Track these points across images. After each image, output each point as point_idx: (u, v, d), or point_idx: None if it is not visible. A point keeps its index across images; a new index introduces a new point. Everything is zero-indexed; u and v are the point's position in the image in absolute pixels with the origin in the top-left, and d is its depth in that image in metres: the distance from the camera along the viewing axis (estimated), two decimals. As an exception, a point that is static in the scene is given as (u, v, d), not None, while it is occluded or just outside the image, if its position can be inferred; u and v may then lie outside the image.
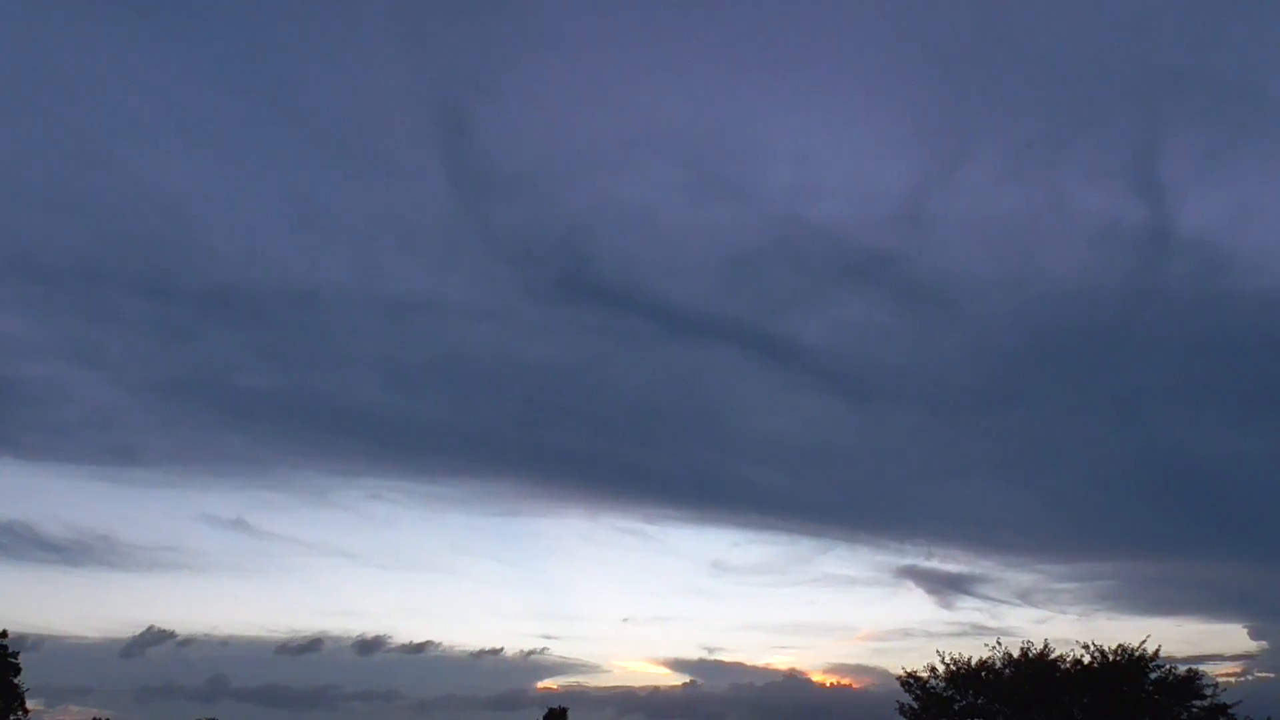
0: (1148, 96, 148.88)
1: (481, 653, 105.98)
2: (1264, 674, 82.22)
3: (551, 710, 66.25)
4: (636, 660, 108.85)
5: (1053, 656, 49.55)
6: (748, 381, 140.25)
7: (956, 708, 50.12)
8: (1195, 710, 47.41)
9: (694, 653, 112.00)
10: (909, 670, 51.93)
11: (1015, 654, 49.95)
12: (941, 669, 50.99)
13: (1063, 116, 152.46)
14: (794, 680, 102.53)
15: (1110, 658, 48.34)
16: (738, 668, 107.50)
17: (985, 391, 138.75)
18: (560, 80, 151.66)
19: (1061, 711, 47.97)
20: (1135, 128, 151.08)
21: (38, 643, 56.67)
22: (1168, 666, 48.15)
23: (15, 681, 53.55)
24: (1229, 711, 47.15)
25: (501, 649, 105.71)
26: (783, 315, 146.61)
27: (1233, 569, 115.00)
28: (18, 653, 54.00)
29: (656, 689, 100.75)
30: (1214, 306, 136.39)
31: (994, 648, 50.48)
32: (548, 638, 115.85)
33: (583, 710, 79.91)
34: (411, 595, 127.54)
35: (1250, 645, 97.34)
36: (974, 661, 50.47)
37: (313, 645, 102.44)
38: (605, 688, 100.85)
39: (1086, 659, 49.04)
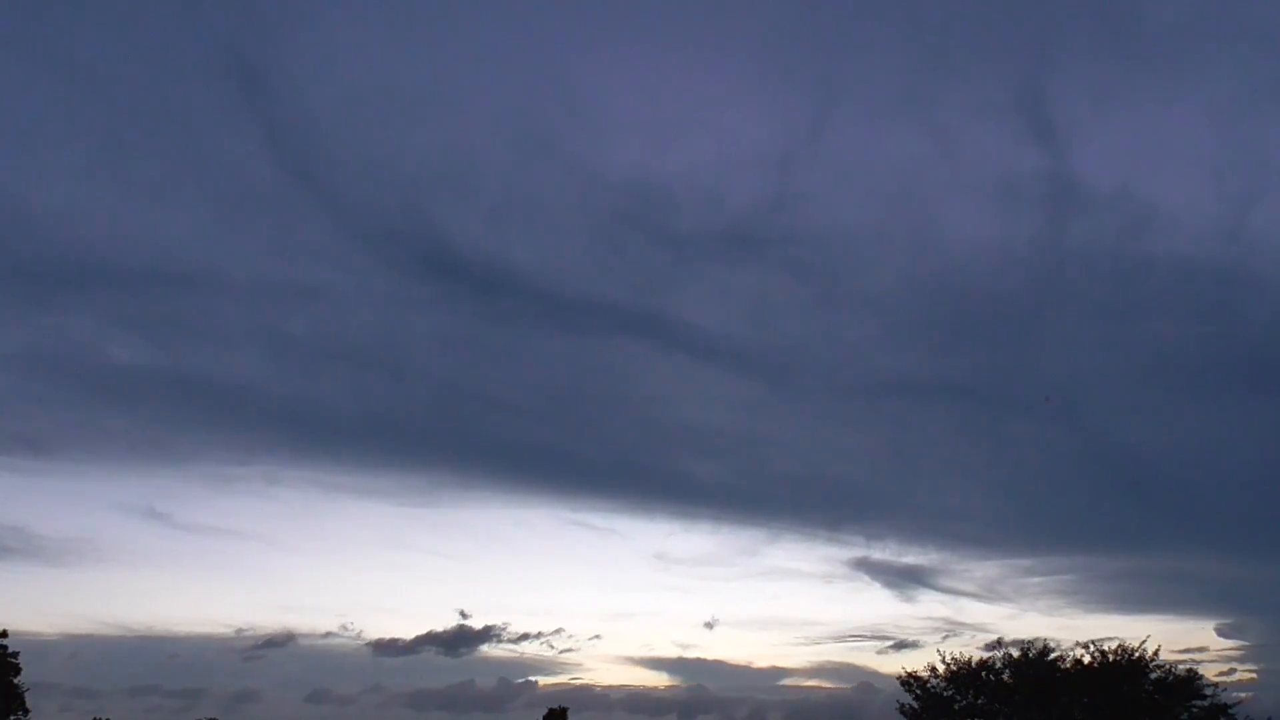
0: (1025, 25, 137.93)
1: (450, 647, 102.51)
2: (1248, 673, 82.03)
3: (551, 710, 66.15)
4: (614, 658, 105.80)
5: (1052, 657, 49.74)
6: (650, 367, 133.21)
7: (957, 708, 50.17)
8: (1195, 710, 47.51)
9: (666, 650, 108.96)
10: (909, 670, 52.16)
11: (1015, 654, 50.18)
12: (942, 669, 51.13)
13: (940, 51, 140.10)
14: (784, 680, 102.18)
15: (1110, 658, 48.46)
16: (720, 666, 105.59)
17: (906, 378, 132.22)
18: (364, 24, 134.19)
19: (1062, 711, 48.04)
20: (1019, 62, 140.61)
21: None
22: (1167, 666, 48.37)
23: (15, 682, 53.48)
24: (1229, 711, 47.25)
25: (463, 645, 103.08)
26: (659, 292, 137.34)
27: (1195, 564, 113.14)
28: (18, 653, 53.98)
29: (647, 689, 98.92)
30: (1134, 274, 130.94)
31: (994, 648, 50.81)
32: (511, 633, 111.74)
33: (579, 712, 79.42)
34: (356, 588, 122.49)
35: (1220, 643, 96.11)
36: (974, 662, 50.64)
37: (276, 641, 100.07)
38: (596, 687, 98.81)
39: (1086, 659, 49.23)
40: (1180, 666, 48.57)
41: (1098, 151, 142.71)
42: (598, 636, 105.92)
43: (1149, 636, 48.71)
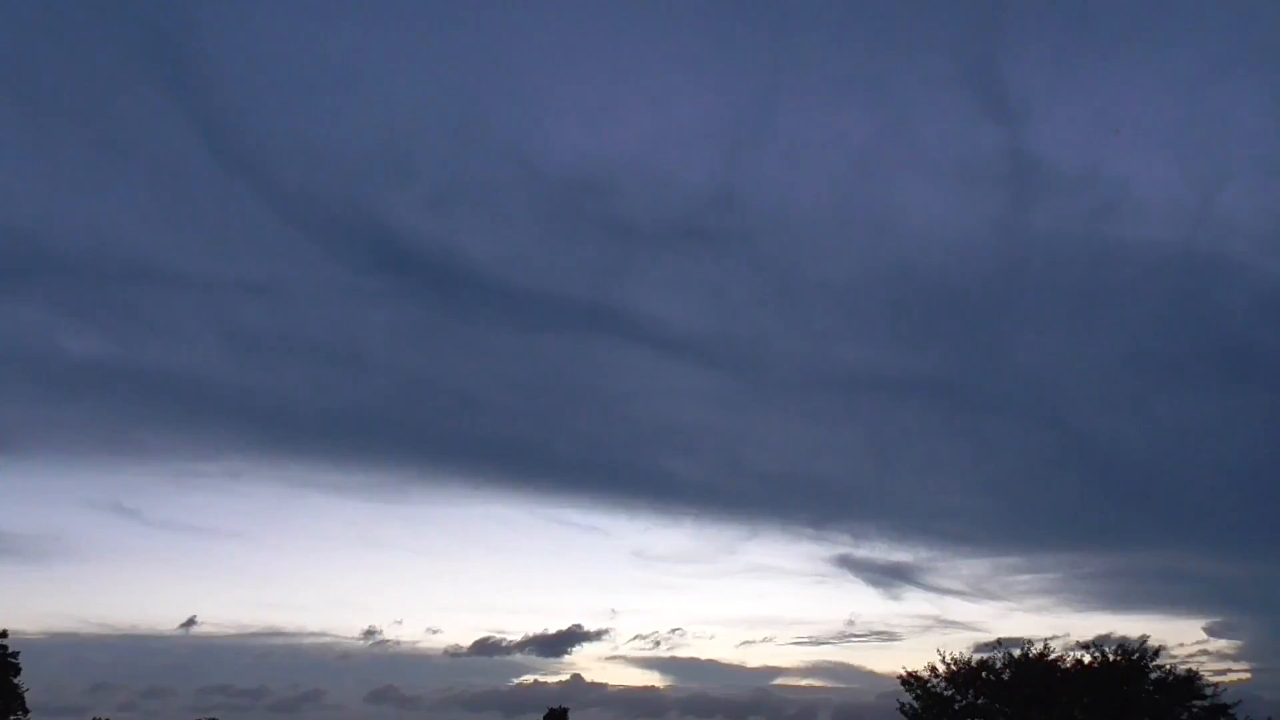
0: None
1: (433, 648, 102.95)
2: (1242, 673, 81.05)
3: (551, 710, 66.13)
4: (600, 657, 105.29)
5: (1052, 657, 49.72)
6: (614, 361, 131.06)
7: (957, 708, 50.15)
8: (1195, 710, 47.47)
9: (656, 649, 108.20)
10: (909, 670, 52.13)
11: (1015, 654, 50.10)
12: (942, 669, 51.11)
13: (888, 21, 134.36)
14: (778, 680, 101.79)
15: (1111, 658, 48.44)
16: (712, 665, 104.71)
17: (875, 372, 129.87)
18: (291, 6, 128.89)
19: (1062, 712, 47.98)
20: (970, 33, 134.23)
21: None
22: (1168, 667, 48.33)
23: (15, 682, 53.48)
24: (1229, 712, 47.20)
25: (444, 644, 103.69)
26: (614, 284, 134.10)
27: (1183, 561, 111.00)
28: (17, 653, 53.97)
29: (643, 688, 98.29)
30: (1103, 260, 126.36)
31: (994, 648, 50.75)
32: (498, 632, 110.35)
33: (576, 712, 78.55)
34: (327, 587, 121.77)
35: (1211, 642, 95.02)
36: (974, 662, 50.63)
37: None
38: (587, 685, 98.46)
39: (1087, 659, 49.21)
40: (1181, 667, 48.68)
41: (1056, 128, 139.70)
42: (569, 634, 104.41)
43: (1148, 636, 48.87)
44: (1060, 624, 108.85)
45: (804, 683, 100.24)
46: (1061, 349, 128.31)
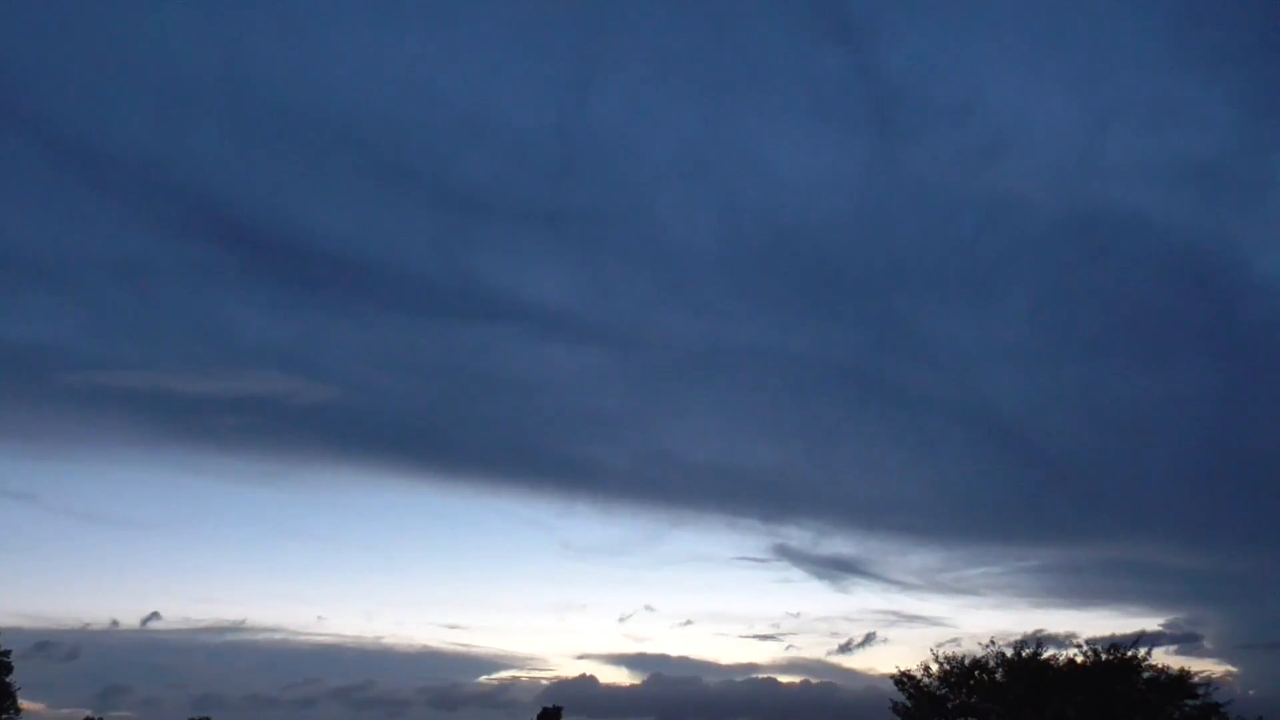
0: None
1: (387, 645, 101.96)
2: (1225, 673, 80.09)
3: (545, 710, 66.31)
4: (570, 655, 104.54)
5: (1045, 655, 49.87)
6: (488, 344, 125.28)
7: (950, 706, 50.32)
8: (1187, 709, 47.61)
9: (618, 644, 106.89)
10: (902, 669, 52.34)
11: (1009, 653, 50.29)
12: (935, 668, 51.34)
13: None
14: (761, 677, 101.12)
15: (1103, 657, 48.61)
16: (685, 662, 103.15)
17: (774, 353, 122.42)
18: None
19: (1054, 710, 48.13)
20: None
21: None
22: (1160, 665, 48.49)
23: (8, 681, 53.47)
24: (1221, 710, 47.33)
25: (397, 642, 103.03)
26: (467, 260, 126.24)
27: (1137, 554, 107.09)
28: (9, 651, 54.00)
29: (625, 686, 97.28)
30: (995, 218, 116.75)
31: (986, 646, 50.92)
32: (453, 627, 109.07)
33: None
34: (256, 581, 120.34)
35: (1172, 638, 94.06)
36: (967, 660, 50.81)
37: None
38: (562, 679, 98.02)
39: (1079, 658, 49.37)
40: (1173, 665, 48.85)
41: (912, 52, 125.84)
42: (528, 631, 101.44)
43: (1142, 632, 49.08)
44: (1020, 619, 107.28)
45: (783, 679, 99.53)
46: (965, 328, 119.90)
